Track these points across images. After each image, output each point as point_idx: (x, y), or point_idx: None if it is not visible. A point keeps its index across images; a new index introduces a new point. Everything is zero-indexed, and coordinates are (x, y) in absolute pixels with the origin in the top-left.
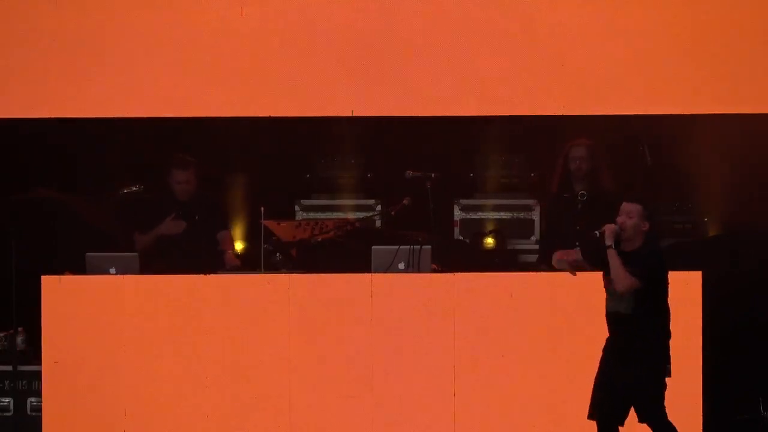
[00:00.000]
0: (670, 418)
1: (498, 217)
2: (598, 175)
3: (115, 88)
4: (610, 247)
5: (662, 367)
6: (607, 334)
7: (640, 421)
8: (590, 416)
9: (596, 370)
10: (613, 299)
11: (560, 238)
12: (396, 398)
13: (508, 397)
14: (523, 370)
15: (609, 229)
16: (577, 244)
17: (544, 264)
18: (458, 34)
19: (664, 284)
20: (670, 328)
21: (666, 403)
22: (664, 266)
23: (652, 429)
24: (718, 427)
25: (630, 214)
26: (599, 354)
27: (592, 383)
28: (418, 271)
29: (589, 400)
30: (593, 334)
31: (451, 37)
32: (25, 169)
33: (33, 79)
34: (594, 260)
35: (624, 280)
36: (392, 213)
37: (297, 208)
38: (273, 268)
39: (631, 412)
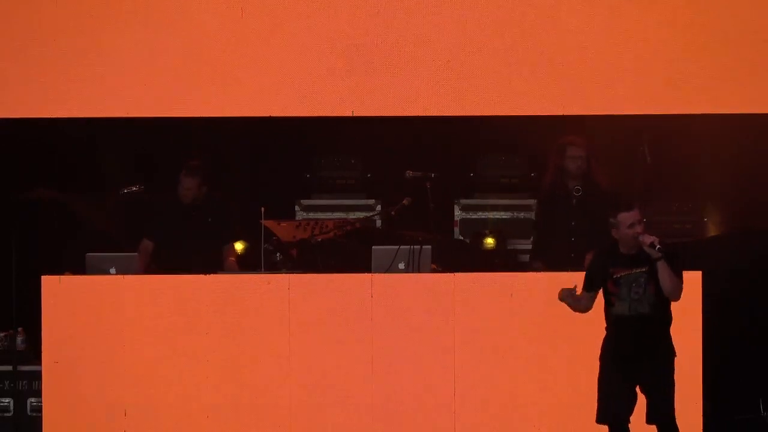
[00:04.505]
0: None
1: (498, 217)
2: (591, 171)
3: (115, 88)
4: (661, 258)
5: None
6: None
7: (650, 421)
8: (600, 421)
9: (597, 373)
10: (626, 302)
11: (555, 235)
12: (396, 398)
13: (508, 397)
14: (523, 370)
15: (655, 240)
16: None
17: (537, 262)
18: (458, 35)
19: None
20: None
21: None
22: None
23: (659, 429)
24: (718, 427)
25: (639, 220)
26: (599, 354)
27: (594, 383)
28: (418, 271)
29: (597, 405)
30: (593, 334)
31: (451, 37)
32: (25, 169)
33: (33, 79)
34: (596, 286)
35: (680, 288)
36: (392, 213)
37: (297, 208)
38: (273, 268)
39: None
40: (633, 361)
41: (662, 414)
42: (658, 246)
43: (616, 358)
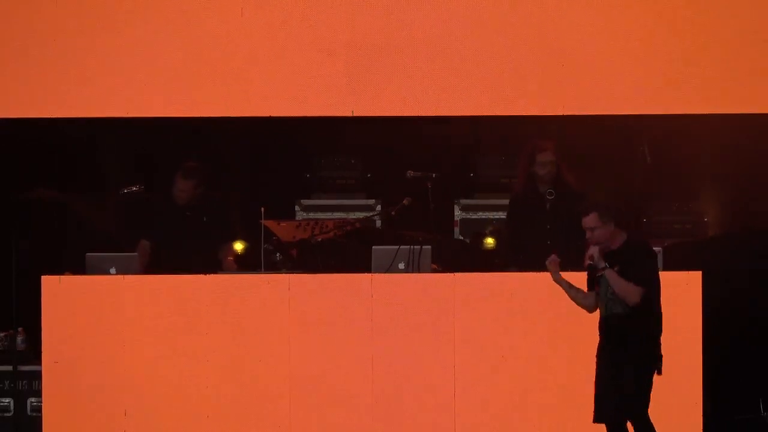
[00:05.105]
0: (671, 417)
1: (498, 217)
2: (561, 174)
3: (115, 88)
4: (605, 268)
5: (654, 365)
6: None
7: (625, 418)
8: (597, 420)
9: (595, 372)
10: (603, 301)
11: (529, 238)
12: (396, 398)
13: (508, 398)
14: (523, 370)
15: (595, 252)
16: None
17: (513, 266)
18: (458, 35)
19: (657, 282)
20: (662, 325)
21: (666, 403)
22: (656, 264)
23: (635, 427)
24: (718, 427)
25: (591, 227)
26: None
27: (593, 384)
28: (418, 271)
29: (593, 403)
30: (593, 335)
31: (451, 37)
32: (25, 169)
33: (33, 79)
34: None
35: (634, 293)
36: (392, 213)
37: (297, 208)
38: (273, 268)
39: None
40: (611, 360)
41: (632, 413)
42: (589, 262)
43: (602, 359)
